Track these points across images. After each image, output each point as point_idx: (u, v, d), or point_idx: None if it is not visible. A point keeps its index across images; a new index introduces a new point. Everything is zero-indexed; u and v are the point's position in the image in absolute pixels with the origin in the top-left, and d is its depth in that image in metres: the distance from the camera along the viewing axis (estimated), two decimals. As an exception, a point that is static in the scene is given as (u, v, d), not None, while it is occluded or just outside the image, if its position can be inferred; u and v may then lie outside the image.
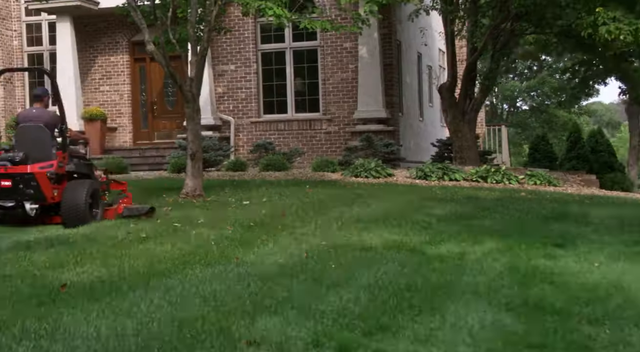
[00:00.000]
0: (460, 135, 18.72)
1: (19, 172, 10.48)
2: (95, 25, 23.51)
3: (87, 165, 11.49)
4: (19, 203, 10.49)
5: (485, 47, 18.09)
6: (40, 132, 10.83)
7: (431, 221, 10.70)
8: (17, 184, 10.44)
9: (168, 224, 10.50)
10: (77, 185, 10.76)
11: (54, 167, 10.59)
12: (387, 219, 10.81)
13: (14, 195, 10.49)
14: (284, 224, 10.34)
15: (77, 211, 10.44)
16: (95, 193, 10.96)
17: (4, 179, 10.47)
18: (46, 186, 10.55)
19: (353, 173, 17.52)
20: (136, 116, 23.43)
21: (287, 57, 21.60)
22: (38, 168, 10.50)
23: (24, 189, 10.45)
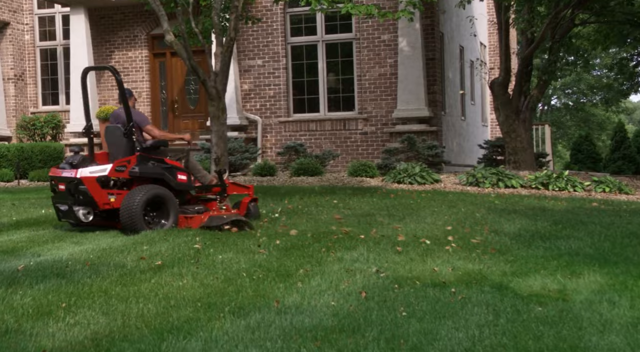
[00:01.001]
0: (514, 136, 16.83)
1: (68, 177, 9.97)
2: (112, 17, 21.86)
3: (165, 169, 10.27)
4: (71, 208, 9.99)
5: (543, 38, 16.20)
6: (118, 133, 10.32)
7: (504, 241, 8.88)
8: (68, 188, 9.96)
9: (189, 244, 8.75)
10: (136, 191, 9.92)
11: (107, 171, 9.91)
12: (450, 237, 9.01)
13: (67, 199, 10.05)
14: (327, 245, 8.56)
15: (131, 219, 9.72)
16: (161, 200, 10.00)
17: (60, 183, 10.13)
18: (96, 191, 9.87)
19: (395, 179, 15.72)
20: (156, 116, 21.75)
21: (320, 50, 19.83)
22: (88, 172, 9.88)
23: (75, 194, 9.94)
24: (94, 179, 9.87)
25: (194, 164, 11.02)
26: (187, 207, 10.55)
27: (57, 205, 10.26)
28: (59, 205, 10.20)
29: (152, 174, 10.16)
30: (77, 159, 10.14)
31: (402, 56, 18.59)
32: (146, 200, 9.80)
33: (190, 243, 8.81)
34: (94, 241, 9.31)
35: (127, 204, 9.74)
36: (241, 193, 11.39)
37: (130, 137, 10.17)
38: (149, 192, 9.88)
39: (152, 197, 9.90)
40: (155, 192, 9.96)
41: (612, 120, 57.16)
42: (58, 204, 10.23)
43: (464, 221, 10.58)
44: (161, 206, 10.02)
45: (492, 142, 19.02)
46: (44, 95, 22.91)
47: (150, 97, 21.65)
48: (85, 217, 10.01)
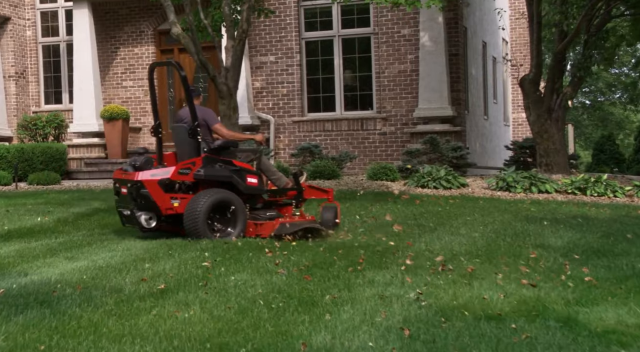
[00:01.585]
0: (546, 137, 15.68)
1: (130, 179, 9.32)
2: (117, 12, 20.84)
3: (233, 171, 9.52)
4: (133, 212, 9.35)
5: (578, 31, 15.07)
6: (184, 133, 9.64)
7: (554, 257, 7.80)
8: (130, 192, 9.33)
9: (196, 261, 7.70)
10: (200, 195, 9.23)
11: (170, 174, 9.24)
12: (492, 254, 7.95)
13: (129, 204, 9.41)
14: (353, 263, 7.50)
15: (194, 226, 9.07)
16: (227, 205, 9.26)
17: (122, 186, 9.52)
18: (159, 195, 9.20)
19: (419, 183, 14.63)
20: (163, 115, 20.62)
21: (336, 46, 18.75)
22: (150, 175, 9.22)
23: (136, 198, 9.29)
24: (156, 182, 9.20)
25: (268, 165, 10.25)
26: (259, 212, 9.76)
27: (120, 210, 9.68)
28: (122, 210, 9.61)
29: (218, 177, 9.43)
30: (141, 161, 9.47)
31: (423, 52, 17.50)
32: (210, 205, 9.10)
33: (199, 260, 7.77)
34: (90, 256, 8.28)
35: (191, 210, 9.08)
36: (320, 198, 10.50)
37: (195, 137, 9.48)
38: (214, 197, 9.17)
39: (218, 202, 9.19)
40: (221, 196, 9.24)
41: (630, 120, 55.90)
42: (121, 208, 9.64)
43: (503, 232, 9.50)
44: (228, 211, 9.30)
45: (520, 143, 17.90)
46: (47, 94, 21.88)
47: (158, 95, 20.54)
48: (147, 223, 9.34)
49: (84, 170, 19.21)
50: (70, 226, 10.80)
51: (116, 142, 19.05)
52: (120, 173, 9.62)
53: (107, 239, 9.54)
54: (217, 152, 9.55)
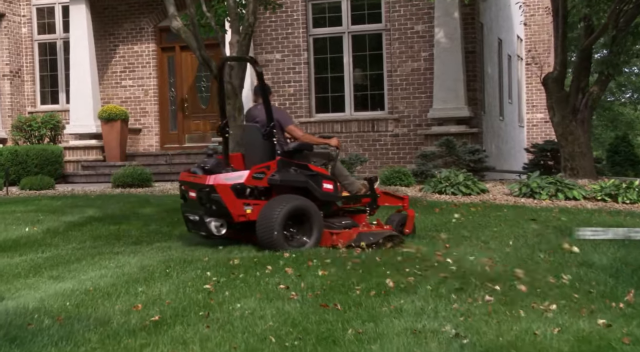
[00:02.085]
0: (571, 139, 14.70)
1: (200, 183, 8.67)
2: (116, 8, 19.95)
3: (308, 177, 8.86)
4: (202, 218, 8.72)
5: (607, 26, 14.10)
6: (257, 134, 9.01)
7: (602, 279, 6.86)
8: (200, 196, 8.68)
9: (197, 283, 6.78)
10: (276, 202, 8.56)
11: (244, 179, 8.59)
12: (531, 274, 6.98)
13: (198, 209, 8.77)
14: (375, 284, 6.56)
15: (269, 235, 8.38)
16: (303, 213, 8.58)
17: (191, 190, 8.87)
18: (231, 201, 8.54)
19: (435, 188, 13.68)
20: (164, 116, 19.81)
21: (345, 43, 17.81)
22: (224, 179, 8.59)
23: (207, 203, 8.63)
24: (229, 186, 8.55)
25: (341, 170, 9.56)
26: (333, 220, 9.04)
27: (186, 215, 9.04)
28: (189, 215, 8.97)
29: (294, 182, 8.78)
30: (211, 163, 8.91)
31: (438, 49, 16.56)
32: (287, 213, 8.44)
33: (200, 281, 6.85)
34: (77, 275, 7.36)
35: (265, 218, 8.41)
36: (394, 205, 9.84)
37: (271, 139, 8.80)
38: (290, 204, 8.50)
39: (294, 210, 8.51)
40: (298, 204, 8.57)
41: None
42: (188, 213, 9.00)
43: (537, 247, 8.55)
44: (303, 219, 8.63)
45: (541, 146, 16.93)
46: (43, 94, 20.97)
47: (158, 95, 19.70)
48: (217, 230, 8.74)
49: (81, 174, 18.30)
50: (60, 238, 9.89)
51: (114, 144, 18.14)
52: (188, 176, 8.96)
53: (98, 253, 8.62)
54: (291, 156, 8.91)
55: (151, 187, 15.50)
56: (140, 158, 18.54)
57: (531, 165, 16.94)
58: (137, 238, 9.74)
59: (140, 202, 13.18)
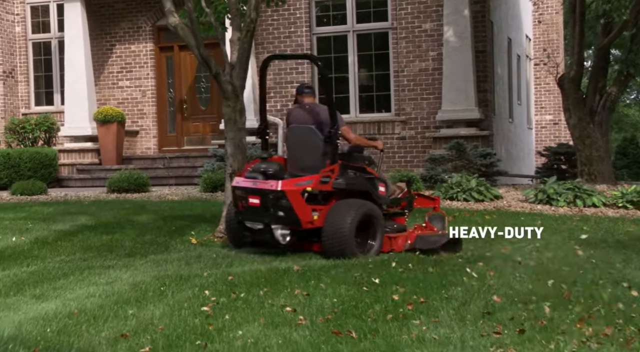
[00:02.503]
0: (589, 143, 14.04)
1: (267, 189, 8.23)
2: (112, 7, 19.29)
3: (368, 180, 8.72)
4: (267, 226, 8.32)
5: (626, 24, 13.44)
6: (311, 136, 8.65)
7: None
8: (266, 203, 8.25)
9: (194, 304, 6.11)
10: (343, 207, 8.30)
11: (313, 183, 8.29)
12: (564, 294, 6.31)
13: (263, 216, 8.32)
14: (393, 308, 5.90)
15: (340, 241, 8.10)
16: (369, 218, 8.39)
17: (252, 196, 8.36)
18: (301, 207, 8.23)
19: (447, 194, 13.04)
20: (162, 117, 19.15)
21: (350, 42, 17.14)
22: (293, 184, 8.24)
23: (274, 210, 8.24)
24: (299, 192, 8.22)
25: (381, 173, 9.38)
26: (385, 224, 8.73)
27: (246, 223, 8.53)
28: (250, 223, 8.49)
29: (358, 186, 8.58)
30: (274, 168, 8.45)
31: (447, 48, 15.90)
32: (359, 219, 8.22)
33: (197, 302, 6.18)
34: (63, 294, 6.70)
35: (337, 225, 8.11)
36: (426, 206, 9.70)
37: (335, 142, 8.51)
38: (361, 210, 8.27)
39: (364, 215, 8.31)
40: (367, 209, 8.36)
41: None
42: (249, 222, 8.50)
43: (564, 262, 7.87)
44: (369, 224, 8.42)
45: (554, 149, 16.26)
46: (37, 95, 20.30)
47: (156, 96, 19.04)
48: (283, 239, 8.37)
49: (76, 178, 17.65)
50: (48, 249, 9.22)
51: (110, 147, 17.48)
52: (248, 181, 8.44)
53: (88, 267, 7.96)
54: (347, 159, 8.72)
55: (148, 193, 14.85)
56: (137, 161, 17.89)
57: (544, 170, 16.29)
58: (131, 249, 9.07)
59: (135, 208, 12.54)
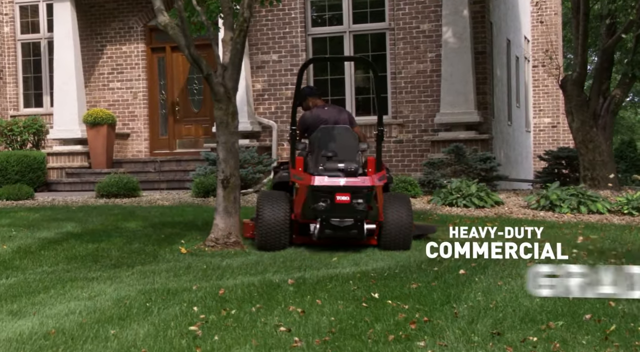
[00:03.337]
0: (592, 147, 13.63)
1: (360, 186, 8.64)
2: (103, 7, 18.85)
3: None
4: (358, 222, 8.69)
5: (631, 25, 13.04)
6: (348, 135, 9.27)
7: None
8: (357, 199, 8.60)
9: (182, 322, 5.70)
10: (395, 202, 9.02)
11: (385, 180, 9.07)
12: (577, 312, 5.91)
13: (353, 213, 8.62)
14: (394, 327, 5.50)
15: (405, 234, 8.83)
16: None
17: (340, 193, 8.60)
18: (380, 201, 8.89)
19: (446, 200, 12.63)
20: (154, 120, 18.71)
21: (346, 43, 16.72)
22: (378, 180, 8.79)
23: (364, 205, 8.60)
24: (381, 187, 8.93)
25: None
26: None
27: (333, 221, 8.67)
28: (338, 221, 8.66)
29: (390, 182, 9.54)
30: (352, 166, 8.74)
31: (446, 49, 15.50)
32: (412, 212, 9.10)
33: (184, 320, 5.77)
34: (41, 310, 6.27)
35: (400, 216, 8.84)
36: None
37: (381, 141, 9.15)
38: (408, 202, 9.14)
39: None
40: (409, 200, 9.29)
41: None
42: (337, 219, 8.67)
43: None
44: None
45: (555, 153, 15.84)
46: (26, 96, 19.85)
47: (148, 97, 18.60)
48: (369, 233, 8.89)
49: (65, 182, 17.19)
50: (31, 258, 8.76)
51: (101, 150, 17.03)
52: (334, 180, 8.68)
53: (71, 279, 7.52)
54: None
55: (138, 197, 14.41)
56: (127, 165, 17.45)
57: (545, 174, 15.88)
58: (117, 259, 8.63)
59: (124, 214, 12.10)
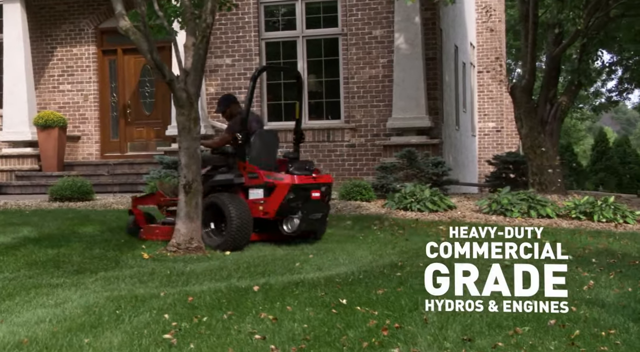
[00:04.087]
0: (540, 153, 13.97)
1: (325, 182, 9.94)
2: (54, 8, 18.71)
3: None
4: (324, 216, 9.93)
5: (577, 34, 13.39)
6: (275, 139, 10.71)
7: (620, 323, 6.00)
8: (326, 194, 9.90)
9: (155, 331, 5.75)
10: None
11: None
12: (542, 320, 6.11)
13: (323, 207, 9.88)
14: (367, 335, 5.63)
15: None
16: None
17: (315, 190, 9.74)
18: None
19: (400, 204, 12.81)
20: (105, 122, 18.61)
21: (300, 48, 16.85)
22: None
23: (328, 200, 10.04)
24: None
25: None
26: None
27: (309, 216, 9.60)
28: (313, 215, 9.65)
29: None
30: (313, 166, 9.99)
31: (398, 55, 15.73)
32: None
33: (157, 327, 5.83)
34: (9, 318, 6.23)
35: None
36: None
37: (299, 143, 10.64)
38: None
39: None
40: None
41: (577, 128, 54.97)
42: (312, 214, 9.63)
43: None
44: None
45: (503, 158, 16.19)
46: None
47: (99, 100, 18.50)
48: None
49: (15, 185, 17.02)
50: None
51: (52, 153, 16.91)
52: (308, 178, 9.65)
53: (34, 285, 7.49)
54: None
55: (92, 201, 14.32)
56: (79, 168, 17.34)
57: (493, 178, 16.22)
58: (79, 265, 8.61)
59: (80, 218, 12.03)
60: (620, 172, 31.12)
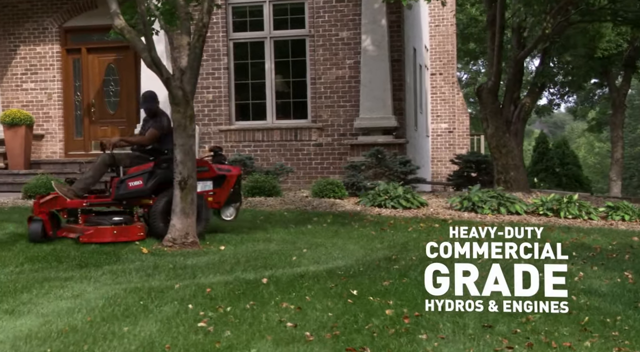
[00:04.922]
0: (505, 152, 14.52)
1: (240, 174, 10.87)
2: (16, 6, 18.63)
3: None
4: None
5: (541, 39, 13.95)
6: None
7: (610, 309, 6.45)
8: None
9: (188, 320, 6.01)
10: None
11: None
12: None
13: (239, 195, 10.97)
14: (391, 323, 5.98)
15: None
16: None
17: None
18: None
19: (374, 202, 13.20)
20: (69, 121, 18.61)
21: (267, 48, 17.12)
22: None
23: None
24: None
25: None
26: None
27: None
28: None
29: None
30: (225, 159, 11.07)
31: (365, 57, 16.12)
32: None
33: (187, 317, 6.08)
34: (35, 309, 6.45)
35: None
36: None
37: None
38: None
39: None
40: None
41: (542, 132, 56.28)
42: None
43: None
44: None
45: (466, 157, 16.72)
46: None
47: (63, 99, 18.49)
48: None
49: (-20, 183, 16.93)
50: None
51: (18, 151, 16.89)
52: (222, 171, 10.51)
53: (44, 278, 7.67)
54: None
55: (65, 199, 14.35)
56: (46, 166, 17.33)
57: (455, 177, 16.73)
58: (80, 259, 8.76)
59: (61, 216, 12.11)
60: (560, 173, 32.10)
